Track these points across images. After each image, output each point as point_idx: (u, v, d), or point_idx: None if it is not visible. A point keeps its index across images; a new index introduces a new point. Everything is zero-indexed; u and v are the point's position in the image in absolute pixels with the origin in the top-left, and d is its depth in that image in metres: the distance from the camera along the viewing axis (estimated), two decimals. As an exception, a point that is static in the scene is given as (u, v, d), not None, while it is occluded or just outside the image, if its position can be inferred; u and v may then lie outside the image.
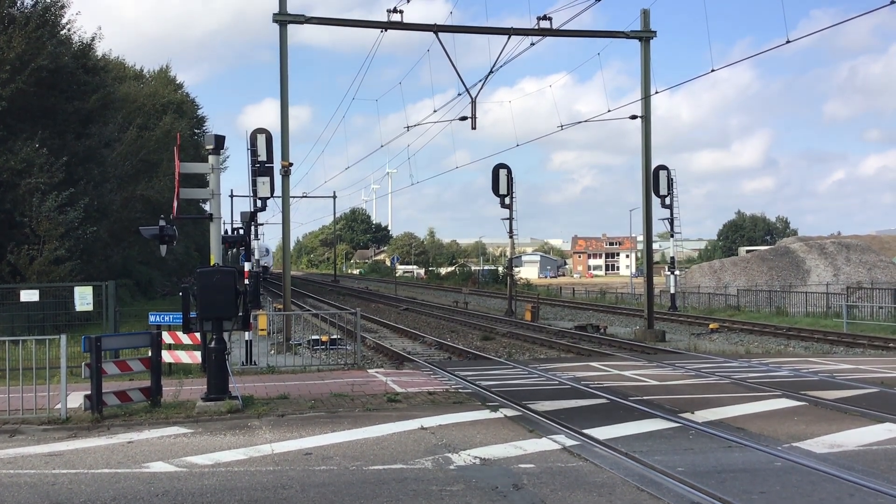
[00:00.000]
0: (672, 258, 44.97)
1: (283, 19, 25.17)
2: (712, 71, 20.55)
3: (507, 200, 39.08)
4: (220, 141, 15.64)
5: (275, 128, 24.62)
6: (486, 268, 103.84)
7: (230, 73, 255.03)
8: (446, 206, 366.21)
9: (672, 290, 43.04)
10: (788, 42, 17.55)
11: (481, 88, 25.77)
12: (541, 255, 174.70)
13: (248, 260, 17.32)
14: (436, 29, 25.73)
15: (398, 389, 14.92)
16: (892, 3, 13.89)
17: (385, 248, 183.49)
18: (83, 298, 19.62)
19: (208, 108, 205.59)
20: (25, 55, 29.71)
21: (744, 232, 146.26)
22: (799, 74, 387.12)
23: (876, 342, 24.35)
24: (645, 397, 13.99)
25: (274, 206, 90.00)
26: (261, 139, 21.52)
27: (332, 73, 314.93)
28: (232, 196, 71.90)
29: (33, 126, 31.37)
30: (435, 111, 30.92)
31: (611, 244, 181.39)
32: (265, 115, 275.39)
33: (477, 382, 15.73)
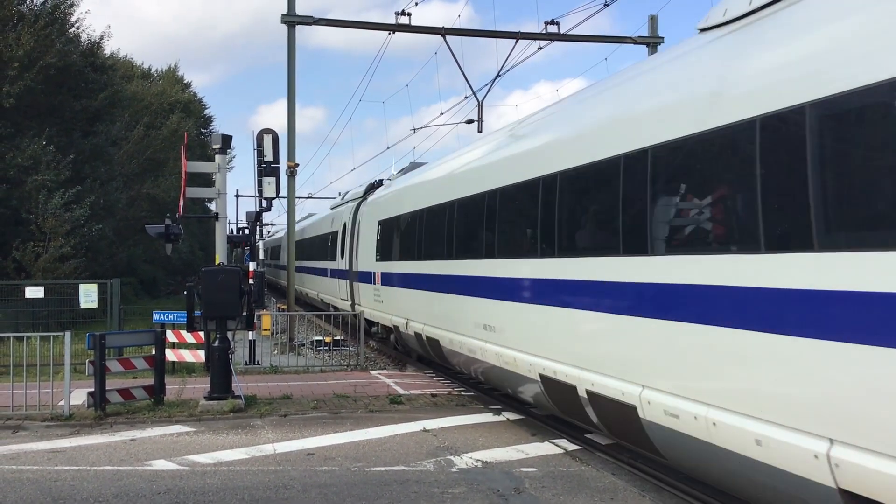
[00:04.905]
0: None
1: (292, 20, 25.21)
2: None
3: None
4: (226, 140, 15.68)
5: (286, 128, 24.68)
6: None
7: (246, 74, 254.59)
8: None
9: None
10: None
11: (488, 92, 25.78)
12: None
13: (254, 259, 17.34)
14: (443, 32, 25.73)
15: (401, 391, 14.92)
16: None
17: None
18: (88, 296, 19.70)
19: (223, 107, 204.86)
20: (34, 53, 29.77)
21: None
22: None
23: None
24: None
25: (279, 206, 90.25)
26: (267, 139, 21.47)
27: (346, 76, 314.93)
28: (238, 196, 71.87)
29: (41, 123, 31.45)
30: (442, 114, 31.00)
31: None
32: (278, 115, 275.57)
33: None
